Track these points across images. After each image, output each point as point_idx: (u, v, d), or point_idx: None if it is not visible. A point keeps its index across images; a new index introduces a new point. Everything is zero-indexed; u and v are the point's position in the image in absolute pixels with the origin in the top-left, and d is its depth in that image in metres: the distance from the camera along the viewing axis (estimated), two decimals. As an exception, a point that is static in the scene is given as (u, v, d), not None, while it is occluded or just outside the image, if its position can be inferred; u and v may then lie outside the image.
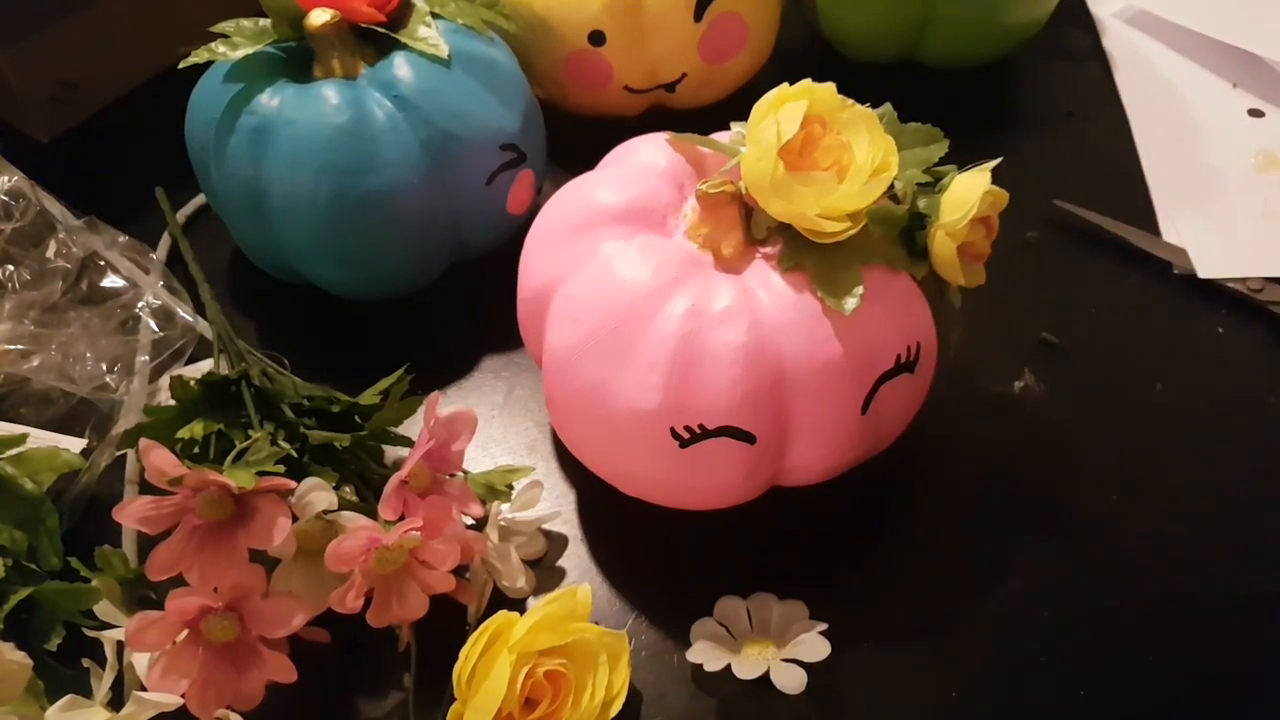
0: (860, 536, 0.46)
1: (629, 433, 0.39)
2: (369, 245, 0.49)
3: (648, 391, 0.38)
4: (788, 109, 0.38)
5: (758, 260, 0.40)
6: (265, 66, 0.49)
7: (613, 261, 0.40)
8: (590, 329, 0.39)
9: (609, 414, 0.39)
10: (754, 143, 0.38)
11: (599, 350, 0.39)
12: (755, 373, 0.38)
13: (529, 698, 0.38)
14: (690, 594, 0.43)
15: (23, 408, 0.50)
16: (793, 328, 0.38)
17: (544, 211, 0.44)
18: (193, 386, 0.41)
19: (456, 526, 0.40)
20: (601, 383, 0.39)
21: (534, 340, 0.44)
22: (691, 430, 0.38)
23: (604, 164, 0.46)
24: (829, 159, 0.38)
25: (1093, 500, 0.46)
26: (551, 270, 0.42)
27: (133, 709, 0.37)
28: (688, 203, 0.42)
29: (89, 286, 0.53)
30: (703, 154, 0.44)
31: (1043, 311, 0.54)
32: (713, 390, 0.38)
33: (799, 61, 0.42)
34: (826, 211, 0.38)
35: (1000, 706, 0.41)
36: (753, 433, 0.39)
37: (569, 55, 0.58)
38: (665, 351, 0.38)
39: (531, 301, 0.43)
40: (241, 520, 0.37)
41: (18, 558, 0.42)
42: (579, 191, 0.43)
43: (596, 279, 0.40)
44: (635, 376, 0.38)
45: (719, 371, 0.38)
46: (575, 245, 0.41)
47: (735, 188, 0.39)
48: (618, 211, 0.41)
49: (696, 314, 0.38)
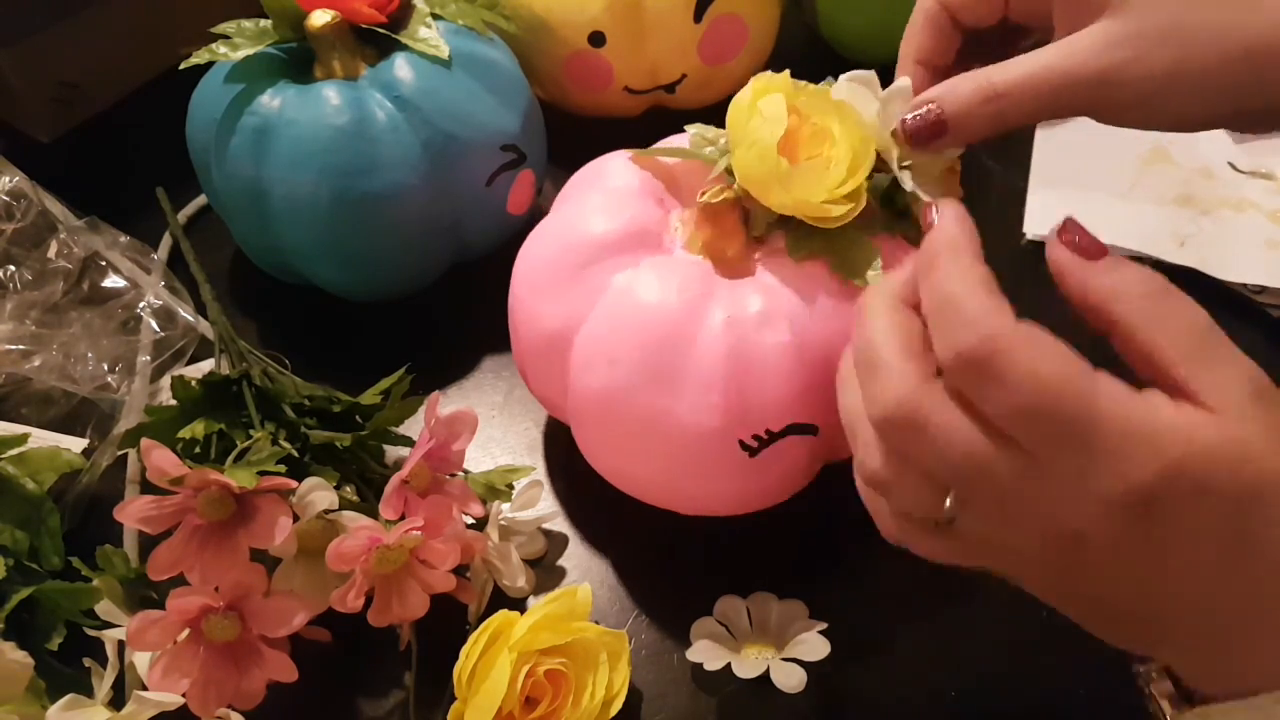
0: (860, 537, 0.46)
1: (695, 455, 0.39)
2: (369, 246, 0.49)
3: (709, 411, 0.38)
4: (768, 103, 0.38)
5: (761, 258, 0.40)
6: (266, 67, 0.49)
7: (633, 291, 0.39)
8: (632, 363, 0.38)
9: (672, 442, 0.39)
10: (748, 144, 0.38)
11: (647, 381, 0.38)
12: (806, 366, 0.38)
13: (529, 697, 0.38)
14: (690, 594, 0.43)
15: (24, 408, 0.50)
16: (826, 315, 0.39)
17: (530, 255, 0.43)
18: (194, 386, 0.41)
19: (457, 526, 0.40)
20: (658, 413, 0.38)
21: (548, 386, 0.43)
22: (759, 438, 0.38)
23: (570, 192, 0.45)
24: (812, 146, 0.39)
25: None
26: (562, 314, 0.40)
27: (134, 708, 0.37)
28: (673, 215, 0.42)
29: (90, 287, 0.53)
30: (668, 165, 0.43)
31: (1043, 312, 0.54)
32: (771, 394, 0.38)
33: (799, 62, 0.41)
34: (830, 195, 0.38)
35: (1000, 706, 0.41)
36: (815, 424, 0.39)
37: (569, 56, 0.58)
38: (717, 367, 0.38)
39: (542, 351, 0.42)
40: (243, 520, 0.37)
41: (19, 557, 0.42)
42: (567, 228, 0.42)
43: (621, 312, 0.39)
44: (693, 399, 0.38)
45: (772, 374, 0.38)
46: (582, 284, 0.40)
47: (734, 192, 0.39)
48: (616, 240, 0.41)
49: (735, 323, 0.38)
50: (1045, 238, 0.31)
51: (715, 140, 0.42)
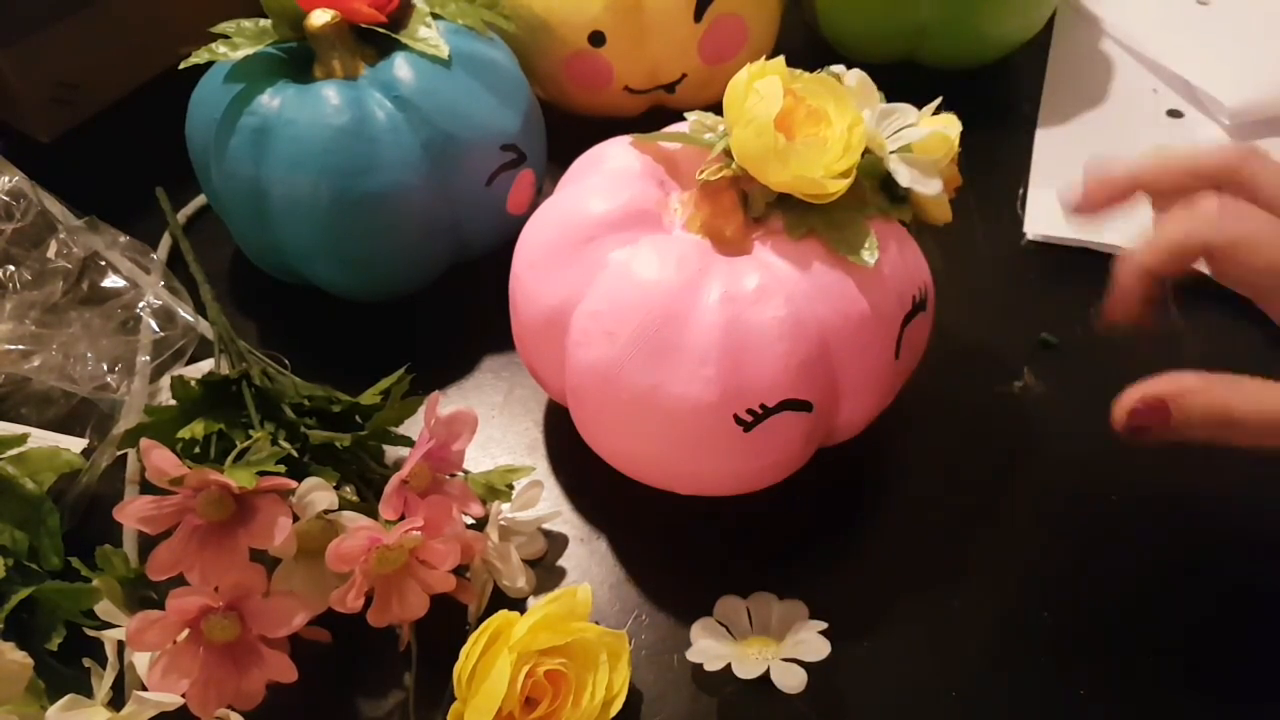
0: (861, 536, 0.46)
1: (691, 430, 0.39)
2: (369, 246, 0.49)
3: (705, 385, 0.38)
4: (763, 84, 0.39)
5: (760, 238, 0.41)
6: (266, 67, 0.49)
7: (630, 267, 0.39)
8: (629, 338, 0.39)
9: (667, 416, 0.39)
10: (745, 122, 0.39)
11: (644, 357, 0.38)
12: (802, 342, 0.38)
13: (529, 697, 0.38)
14: (690, 594, 0.43)
15: (23, 408, 0.50)
16: (822, 291, 0.39)
17: (531, 235, 0.43)
18: (193, 386, 0.41)
19: (457, 526, 0.40)
20: (654, 388, 0.39)
21: (545, 366, 0.44)
22: (754, 412, 0.39)
23: (571, 177, 0.45)
24: (808, 126, 0.39)
25: (1093, 500, 0.46)
26: (561, 291, 0.41)
27: (133, 709, 0.37)
28: (673, 197, 0.43)
29: (90, 287, 0.53)
30: (669, 149, 0.44)
31: (1042, 312, 0.54)
32: (767, 368, 0.38)
33: (799, 62, 0.42)
34: (828, 171, 0.39)
35: (1000, 706, 0.41)
36: (810, 400, 0.39)
37: (569, 56, 0.58)
38: (713, 342, 0.38)
39: (541, 328, 0.42)
40: (242, 520, 0.37)
41: (19, 557, 0.42)
42: (568, 208, 0.43)
43: (619, 288, 0.39)
44: (689, 373, 0.38)
45: (768, 349, 0.38)
46: (580, 261, 0.41)
47: (732, 170, 0.40)
48: (615, 219, 0.41)
49: (732, 299, 0.38)
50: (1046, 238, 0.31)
51: (714, 127, 0.43)
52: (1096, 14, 0.72)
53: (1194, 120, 0.64)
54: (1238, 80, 0.64)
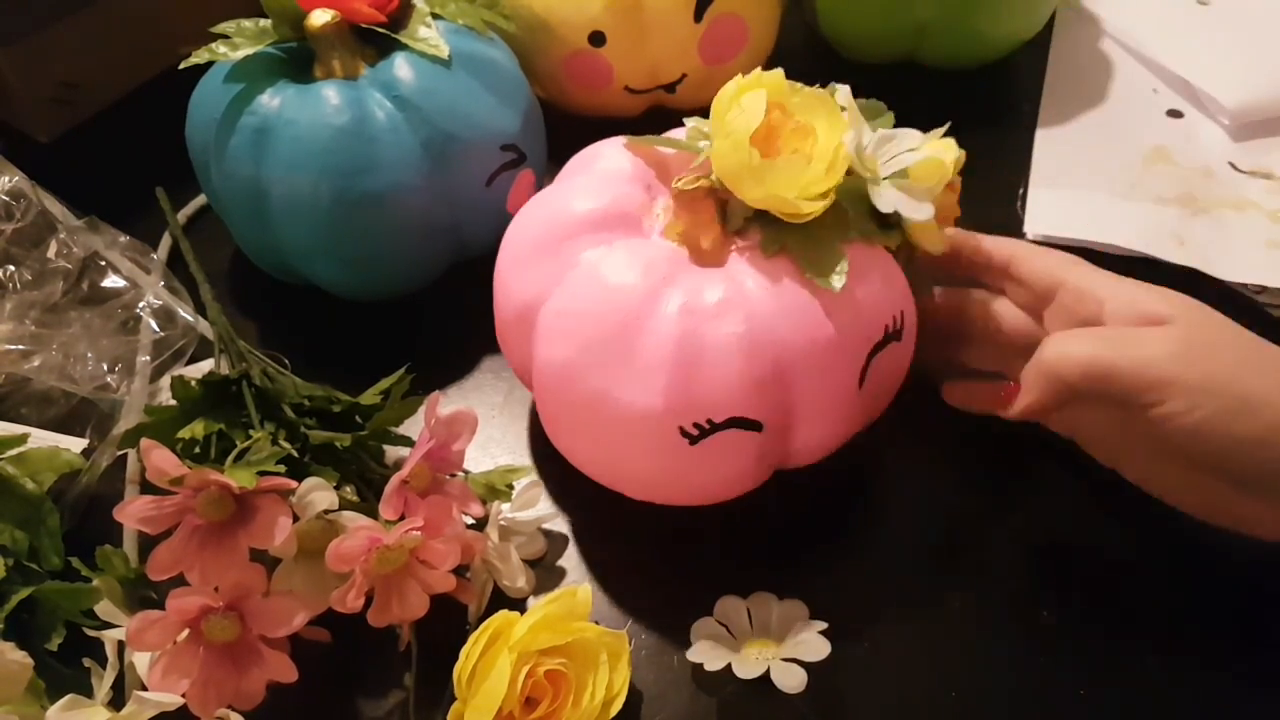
0: (861, 537, 0.46)
1: (636, 437, 0.39)
2: (369, 246, 0.49)
3: (652, 394, 0.38)
4: (749, 98, 0.39)
5: (737, 251, 0.41)
6: (266, 67, 0.49)
7: (599, 269, 0.39)
8: (585, 339, 0.39)
9: (613, 421, 0.39)
10: (724, 134, 0.38)
11: (597, 359, 0.39)
12: (757, 361, 0.38)
13: (529, 697, 0.38)
14: (690, 594, 0.43)
15: (24, 408, 0.50)
16: (785, 312, 0.38)
17: (514, 230, 0.44)
18: (193, 386, 0.41)
19: (457, 526, 0.40)
20: (603, 391, 0.39)
21: (520, 359, 0.44)
22: (700, 426, 0.38)
23: (565, 174, 0.45)
24: (794, 143, 0.39)
25: (1093, 500, 0.46)
26: (533, 288, 0.41)
27: (134, 708, 0.37)
28: (658, 202, 0.42)
29: (90, 286, 0.53)
30: (663, 154, 0.44)
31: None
32: (717, 384, 0.38)
33: (799, 62, 0.42)
34: (803, 192, 0.38)
35: (1000, 706, 0.41)
36: (760, 420, 0.39)
37: (569, 55, 0.58)
38: (665, 352, 0.38)
39: (514, 322, 0.42)
40: (242, 520, 0.37)
41: (19, 557, 0.42)
42: (550, 205, 0.43)
43: (585, 289, 0.39)
44: (638, 380, 0.38)
45: (721, 365, 0.38)
46: (555, 259, 0.41)
47: (710, 181, 0.40)
48: (595, 219, 0.41)
49: (690, 310, 0.38)
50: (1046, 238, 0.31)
51: (710, 135, 0.42)
52: (1096, 14, 0.72)
53: (1194, 120, 0.65)
54: (1238, 80, 0.64)
